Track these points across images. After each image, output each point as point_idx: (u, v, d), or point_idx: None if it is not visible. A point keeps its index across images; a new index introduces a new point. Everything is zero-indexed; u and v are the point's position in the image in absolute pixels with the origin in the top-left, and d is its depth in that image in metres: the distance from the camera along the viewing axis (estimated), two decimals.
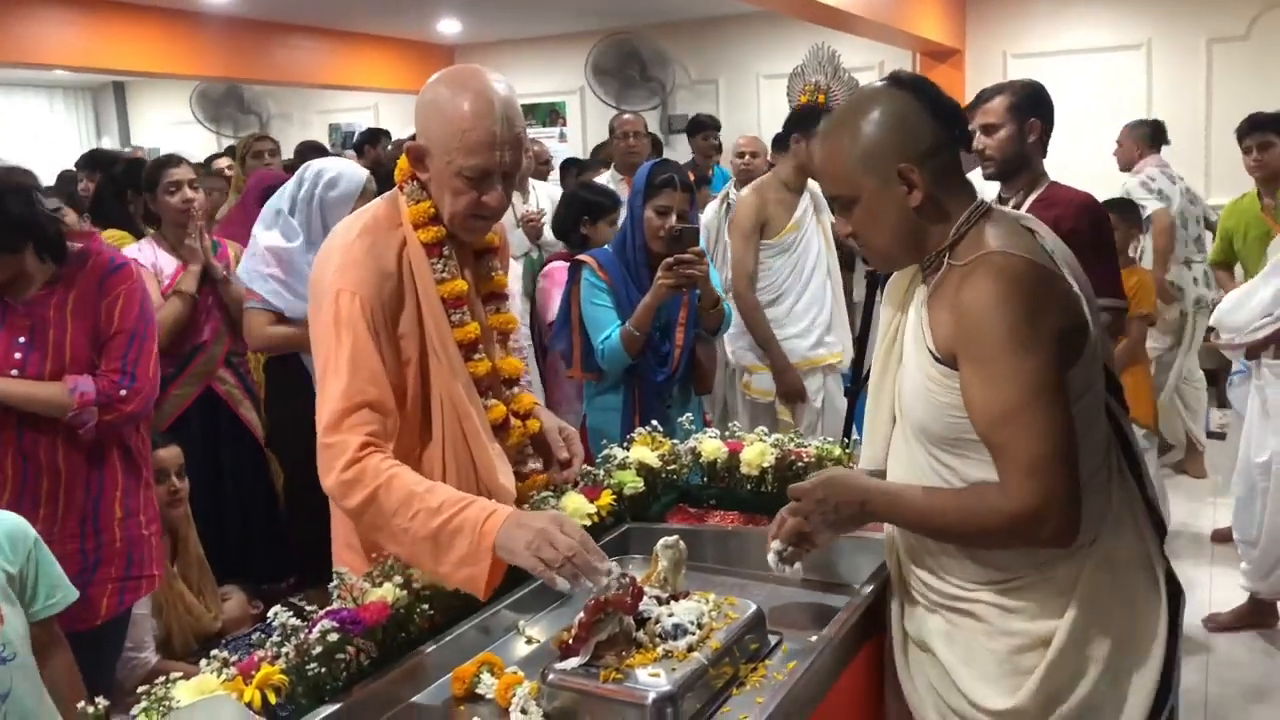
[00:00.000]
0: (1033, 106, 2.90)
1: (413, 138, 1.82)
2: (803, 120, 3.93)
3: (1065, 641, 1.50)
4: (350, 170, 3.33)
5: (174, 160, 3.57)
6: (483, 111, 1.69)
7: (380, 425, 1.68)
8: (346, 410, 1.66)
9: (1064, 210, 2.82)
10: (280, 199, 3.32)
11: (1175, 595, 1.58)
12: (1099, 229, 2.91)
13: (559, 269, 3.40)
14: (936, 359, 1.51)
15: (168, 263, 3.44)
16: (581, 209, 3.54)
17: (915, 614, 1.65)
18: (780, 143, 4.23)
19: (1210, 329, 4.03)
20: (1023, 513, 1.42)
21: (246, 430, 3.64)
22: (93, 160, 5.75)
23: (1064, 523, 1.43)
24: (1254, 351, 3.56)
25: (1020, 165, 2.91)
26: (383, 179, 4.82)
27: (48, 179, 5.56)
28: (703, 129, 6.34)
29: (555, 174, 6.43)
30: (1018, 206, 2.89)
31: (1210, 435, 5.15)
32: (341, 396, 1.67)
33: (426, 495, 1.60)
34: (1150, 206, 5.05)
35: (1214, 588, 3.89)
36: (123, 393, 2.41)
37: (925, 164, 1.52)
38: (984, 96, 2.96)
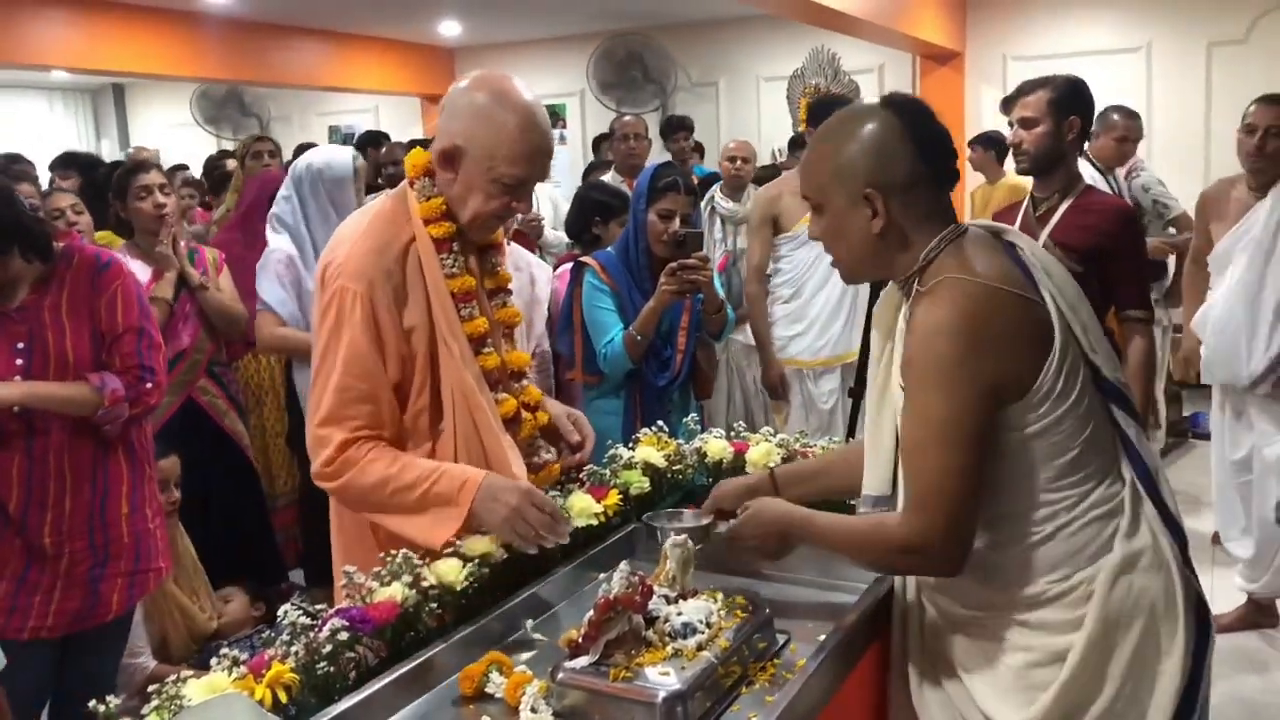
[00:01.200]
0: (1073, 103, 2.83)
1: (419, 142, 1.84)
2: (816, 115, 3.95)
3: (1081, 656, 1.49)
4: (335, 153, 3.40)
5: (145, 166, 3.55)
6: (529, 125, 1.79)
7: (370, 416, 1.78)
8: (338, 404, 1.77)
9: (1101, 217, 2.80)
10: (283, 205, 3.36)
11: (1201, 610, 1.55)
12: (1135, 237, 2.89)
13: (569, 270, 3.40)
14: (903, 387, 1.53)
15: (141, 270, 3.38)
16: (593, 210, 3.54)
17: (929, 628, 1.65)
18: (796, 144, 4.27)
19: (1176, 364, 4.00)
20: (906, 544, 1.48)
21: (231, 441, 3.62)
22: (68, 160, 5.67)
23: (943, 559, 1.48)
24: None
25: (1056, 162, 2.85)
26: (388, 180, 4.85)
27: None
28: (675, 130, 6.31)
29: (556, 175, 6.42)
30: (1053, 209, 2.85)
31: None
32: (335, 390, 1.77)
33: (401, 473, 1.74)
34: (1175, 208, 4.93)
35: (1215, 589, 3.90)
36: (148, 386, 2.43)
37: (894, 194, 1.52)
38: (1024, 90, 2.89)
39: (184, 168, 7.70)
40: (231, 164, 5.44)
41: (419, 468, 1.75)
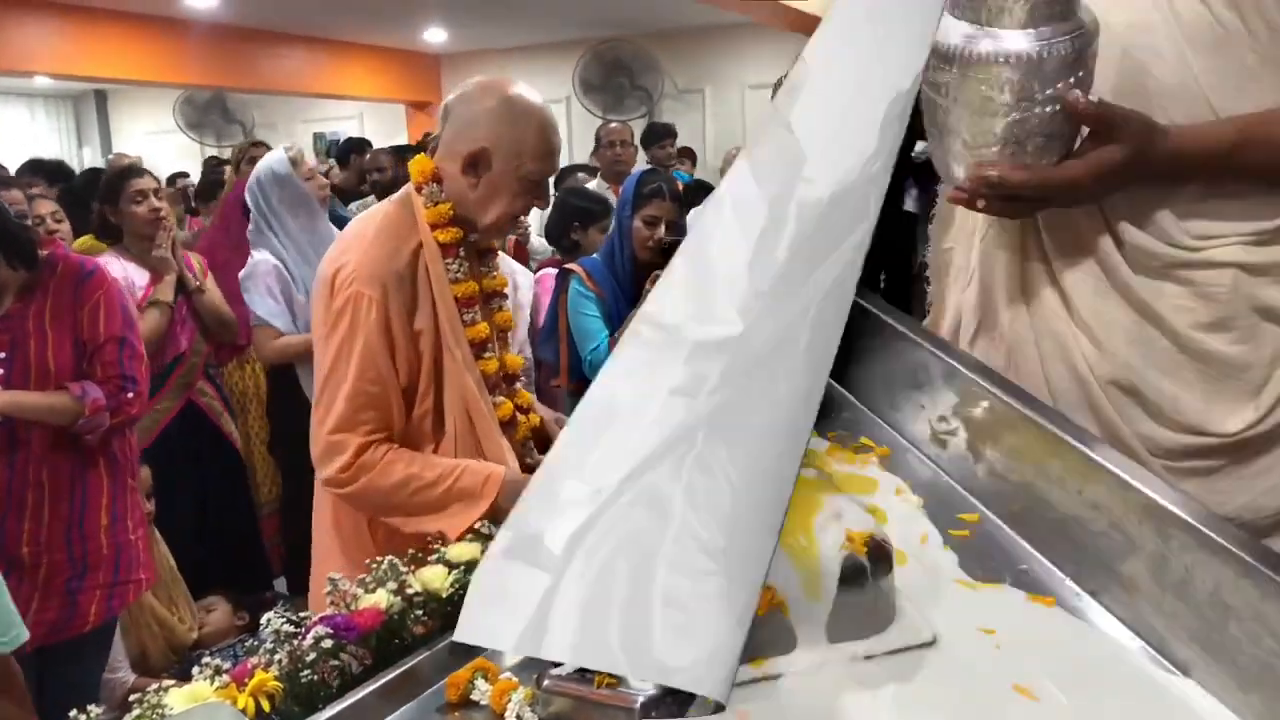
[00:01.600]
0: None
1: (415, 147, 1.85)
2: None
3: None
4: (268, 161, 3.45)
5: (137, 170, 3.53)
6: (549, 123, 1.84)
7: (381, 421, 1.79)
8: (351, 410, 1.77)
9: None
10: (252, 226, 3.41)
11: None
12: None
13: (551, 276, 3.40)
14: None
15: (138, 274, 3.37)
16: (573, 215, 3.54)
17: None
18: None
19: None
20: None
21: (227, 442, 3.62)
22: (35, 167, 5.61)
23: None
24: None
25: None
26: (373, 186, 4.83)
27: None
28: (659, 137, 6.32)
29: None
30: None
31: None
32: (348, 397, 1.77)
33: (423, 471, 1.76)
34: None
35: None
36: (129, 396, 2.42)
37: None
38: None
39: (184, 175, 7.68)
40: (228, 171, 5.42)
41: (439, 465, 1.77)
